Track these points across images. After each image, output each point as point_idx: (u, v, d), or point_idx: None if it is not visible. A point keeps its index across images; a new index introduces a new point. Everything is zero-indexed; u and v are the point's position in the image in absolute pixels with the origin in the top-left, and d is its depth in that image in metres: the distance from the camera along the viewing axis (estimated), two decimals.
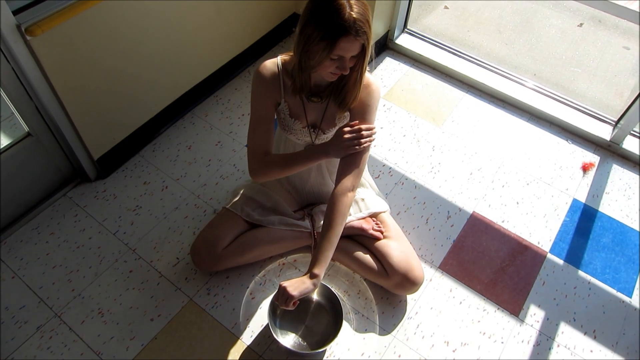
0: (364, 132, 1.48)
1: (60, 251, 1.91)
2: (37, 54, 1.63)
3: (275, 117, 1.61)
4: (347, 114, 1.57)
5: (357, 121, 1.50)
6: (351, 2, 1.27)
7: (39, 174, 1.98)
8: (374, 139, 1.53)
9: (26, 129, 1.85)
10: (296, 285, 1.47)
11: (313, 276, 1.48)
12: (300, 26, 1.32)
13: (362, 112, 1.52)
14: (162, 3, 1.95)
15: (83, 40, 1.75)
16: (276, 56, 1.54)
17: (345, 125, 1.50)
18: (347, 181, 1.50)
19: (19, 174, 1.91)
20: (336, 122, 1.60)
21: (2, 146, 1.85)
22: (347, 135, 1.47)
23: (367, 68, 1.46)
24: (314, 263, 1.49)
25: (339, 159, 1.55)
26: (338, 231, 1.49)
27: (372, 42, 1.34)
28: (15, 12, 1.55)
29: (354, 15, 1.25)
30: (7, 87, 1.68)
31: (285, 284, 1.48)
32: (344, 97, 1.49)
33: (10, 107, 1.76)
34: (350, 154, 1.50)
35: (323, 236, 1.49)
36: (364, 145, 1.49)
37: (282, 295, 1.48)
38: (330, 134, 1.63)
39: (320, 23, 1.27)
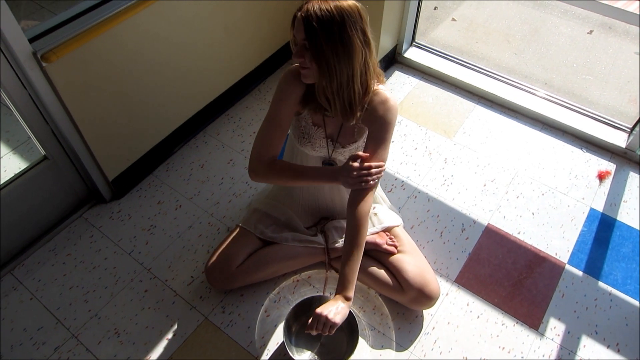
0: (373, 170, 1.47)
1: (76, 272, 1.92)
2: (52, 80, 1.67)
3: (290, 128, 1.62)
4: (366, 128, 1.56)
5: (369, 154, 1.49)
6: (323, 3, 1.30)
7: (56, 196, 2.01)
8: (382, 175, 1.52)
9: (42, 152, 1.89)
10: (336, 311, 1.44)
11: (348, 299, 1.48)
12: None
13: (380, 129, 1.49)
14: (172, 27, 1.98)
15: (96, 65, 1.78)
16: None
17: (356, 157, 1.49)
18: (367, 203, 1.50)
19: (36, 197, 1.94)
20: (355, 136, 1.59)
21: (19, 170, 1.88)
22: (355, 173, 1.47)
23: (380, 86, 1.46)
24: (345, 286, 1.47)
25: None
26: (362, 250, 1.50)
27: (330, 43, 1.32)
28: (31, 40, 1.59)
29: (314, 3, 1.31)
30: (23, 112, 1.72)
31: (322, 311, 1.44)
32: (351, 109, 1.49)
33: (27, 131, 1.80)
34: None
35: (349, 256, 1.48)
36: (372, 183, 1.48)
37: (324, 323, 1.43)
38: (350, 148, 1.62)
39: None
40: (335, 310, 1.44)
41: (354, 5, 1.33)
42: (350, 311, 1.68)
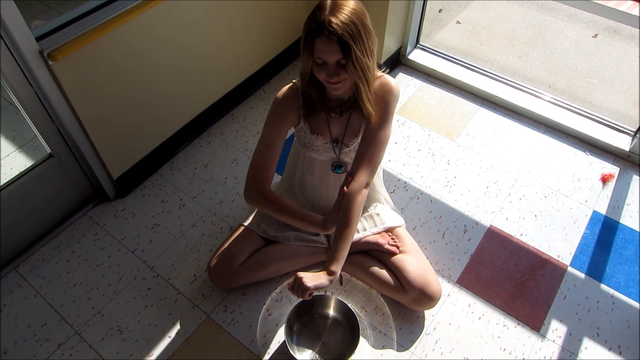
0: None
1: (80, 269, 1.94)
2: (58, 78, 1.68)
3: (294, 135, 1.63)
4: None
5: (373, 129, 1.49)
6: (335, 6, 1.28)
7: (60, 194, 2.03)
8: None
9: (48, 150, 1.91)
10: (312, 278, 1.43)
11: (330, 273, 1.45)
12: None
13: (381, 111, 1.50)
14: (178, 27, 2.00)
15: (102, 63, 1.80)
16: (292, 80, 1.56)
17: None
18: (362, 177, 1.48)
19: (41, 194, 1.96)
20: (358, 132, 1.60)
21: (25, 168, 1.90)
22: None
23: (380, 72, 1.48)
24: (330, 261, 1.46)
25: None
26: (354, 229, 1.48)
27: (360, 47, 1.31)
28: (38, 39, 1.61)
29: (329, 17, 1.27)
30: (30, 110, 1.74)
31: (301, 274, 1.44)
32: (362, 107, 1.50)
33: (33, 129, 1.81)
34: (367, 152, 1.49)
35: (340, 234, 1.46)
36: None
37: (298, 286, 1.43)
38: (353, 146, 1.62)
39: (305, 25, 1.32)
40: (312, 277, 1.44)
41: (356, 2, 1.33)
42: (352, 311, 1.69)
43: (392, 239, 1.81)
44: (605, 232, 2.08)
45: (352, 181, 1.49)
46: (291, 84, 1.55)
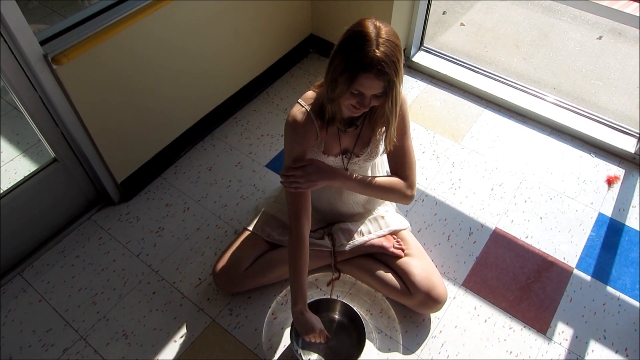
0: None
1: (85, 274, 1.94)
2: (62, 82, 1.68)
3: None
4: (383, 129, 1.54)
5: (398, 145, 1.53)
6: (380, 39, 1.23)
7: (65, 198, 2.03)
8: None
9: (52, 154, 1.91)
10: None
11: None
12: (331, 55, 1.32)
13: (399, 125, 1.50)
14: (182, 30, 2.00)
15: (106, 67, 1.80)
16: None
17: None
18: (412, 177, 1.62)
19: (45, 199, 1.96)
20: (370, 142, 1.59)
21: (29, 172, 1.90)
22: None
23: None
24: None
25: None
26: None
27: (399, 83, 1.30)
28: (42, 43, 1.61)
29: (377, 54, 1.22)
30: (34, 114, 1.74)
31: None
32: (376, 122, 1.49)
33: (37, 133, 1.81)
34: (405, 162, 1.58)
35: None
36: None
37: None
38: (363, 157, 1.62)
39: (345, 54, 1.26)
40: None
41: (392, 28, 1.29)
42: (357, 314, 1.69)
43: (397, 241, 1.81)
44: (611, 234, 2.07)
45: (409, 188, 1.61)
46: (299, 107, 1.50)
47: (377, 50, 1.22)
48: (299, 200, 1.53)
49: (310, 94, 1.51)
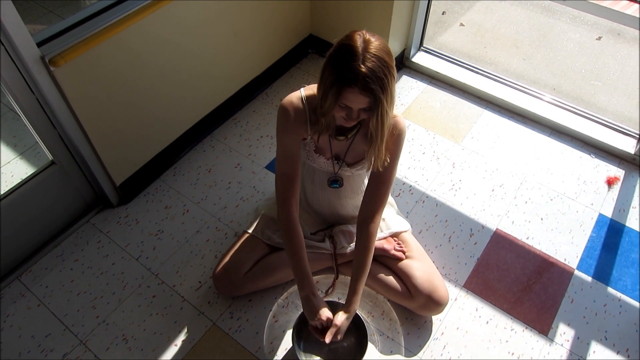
0: (326, 337, 1.51)
1: (84, 278, 1.92)
2: (60, 84, 1.67)
3: None
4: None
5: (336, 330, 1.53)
6: (367, 54, 1.21)
7: (63, 201, 2.01)
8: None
9: (50, 157, 1.89)
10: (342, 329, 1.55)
11: (349, 311, 1.56)
12: (322, 67, 1.30)
13: (392, 152, 1.49)
14: (181, 31, 1.98)
15: (104, 68, 1.78)
16: (299, 88, 1.52)
17: (330, 320, 1.54)
18: (378, 217, 1.56)
19: (43, 202, 1.94)
20: (364, 156, 1.56)
21: (27, 175, 1.88)
22: (314, 324, 1.54)
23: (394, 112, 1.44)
24: (350, 303, 1.56)
25: (362, 183, 1.56)
26: (368, 270, 1.59)
27: (388, 101, 1.28)
28: (39, 44, 1.59)
29: (363, 69, 1.20)
30: (31, 116, 1.72)
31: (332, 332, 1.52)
32: (369, 135, 1.47)
33: (34, 136, 1.80)
34: (379, 191, 1.55)
35: (357, 277, 1.56)
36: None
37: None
38: (355, 169, 1.61)
39: (334, 67, 1.25)
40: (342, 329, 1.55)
41: (383, 42, 1.27)
42: (359, 316, 1.68)
43: (399, 244, 1.80)
44: (612, 235, 2.06)
45: (371, 223, 1.55)
46: (298, 92, 1.50)
47: (362, 66, 1.20)
48: (288, 185, 1.53)
49: (315, 86, 1.50)
